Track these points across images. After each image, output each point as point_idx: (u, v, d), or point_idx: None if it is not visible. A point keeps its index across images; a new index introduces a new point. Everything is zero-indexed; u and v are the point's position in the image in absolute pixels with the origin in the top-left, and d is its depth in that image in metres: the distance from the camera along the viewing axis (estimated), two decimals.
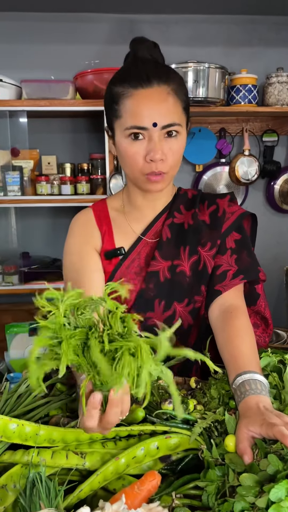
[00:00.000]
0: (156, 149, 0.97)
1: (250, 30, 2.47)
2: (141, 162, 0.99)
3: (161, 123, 0.97)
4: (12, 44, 2.35)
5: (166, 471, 0.76)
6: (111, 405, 0.61)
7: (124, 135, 1.00)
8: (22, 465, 0.69)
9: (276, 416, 0.70)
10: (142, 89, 0.98)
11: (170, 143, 0.99)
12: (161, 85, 0.98)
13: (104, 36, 2.39)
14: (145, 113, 0.97)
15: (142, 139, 0.98)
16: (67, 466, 0.69)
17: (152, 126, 0.97)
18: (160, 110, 0.97)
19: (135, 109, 0.98)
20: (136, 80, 0.99)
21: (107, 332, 0.57)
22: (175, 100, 0.99)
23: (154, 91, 0.98)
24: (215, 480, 0.65)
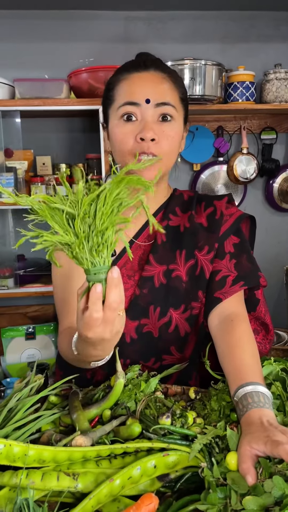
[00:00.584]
0: (148, 127, 0.94)
1: (247, 26, 2.42)
2: (131, 142, 0.96)
3: (155, 101, 0.95)
4: (4, 42, 2.30)
5: (164, 489, 0.72)
6: (111, 286, 0.63)
7: (117, 116, 0.97)
8: (10, 488, 0.65)
9: (281, 432, 0.66)
10: (138, 72, 0.98)
11: (164, 126, 0.96)
12: (158, 71, 0.97)
13: (98, 33, 2.34)
14: (138, 90, 0.95)
15: (135, 121, 0.95)
16: (58, 488, 0.64)
17: (145, 102, 0.94)
18: (154, 89, 0.95)
19: (129, 87, 0.96)
20: (132, 66, 0.98)
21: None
22: (171, 86, 0.98)
23: (150, 74, 0.97)
24: (217, 503, 0.61)
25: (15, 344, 2.34)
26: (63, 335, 0.98)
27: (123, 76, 0.98)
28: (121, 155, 0.99)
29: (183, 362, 1.02)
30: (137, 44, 2.35)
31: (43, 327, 2.33)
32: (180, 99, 1.00)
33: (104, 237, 0.62)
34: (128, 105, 0.95)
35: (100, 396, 0.88)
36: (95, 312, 0.63)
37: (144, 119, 0.95)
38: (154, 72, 0.97)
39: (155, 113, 0.95)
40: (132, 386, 0.86)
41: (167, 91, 0.96)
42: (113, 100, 0.99)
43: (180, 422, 0.76)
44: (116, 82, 0.99)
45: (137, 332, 1.04)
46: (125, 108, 0.95)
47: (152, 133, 0.93)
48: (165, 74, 0.98)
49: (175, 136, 0.98)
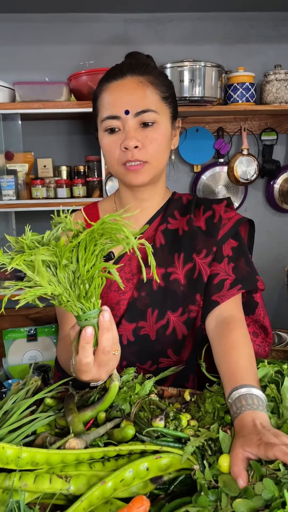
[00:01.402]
0: (130, 136, 0.95)
1: (247, 27, 2.42)
2: (117, 152, 0.98)
3: (134, 110, 0.96)
4: (4, 46, 2.31)
5: (158, 492, 0.72)
6: (103, 330, 0.64)
7: (102, 129, 1.00)
8: (3, 490, 0.65)
9: (273, 435, 0.66)
10: (115, 81, 0.99)
11: (147, 131, 0.98)
12: (134, 76, 0.98)
13: (98, 36, 2.35)
14: (117, 102, 0.96)
15: (118, 131, 0.97)
16: (50, 491, 0.65)
17: (124, 114, 0.95)
18: (131, 98, 0.96)
19: (108, 101, 0.98)
20: (110, 75, 1.00)
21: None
22: (150, 89, 0.98)
23: (126, 81, 0.98)
24: (207, 506, 0.61)
25: (16, 346, 2.35)
26: (62, 342, 0.99)
27: (104, 86, 1.00)
28: (110, 164, 1.03)
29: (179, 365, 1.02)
30: (136, 46, 2.34)
31: (44, 329, 2.34)
32: (162, 98, 1.00)
33: (92, 284, 0.63)
34: (109, 119, 0.97)
35: (95, 399, 0.88)
36: (84, 358, 0.65)
37: (126, 129, 0.96)
38: (131, 77, 0.97)
39: (135, 122, 0.96)
40: (127, 388, 0.86)
41: (145, 97, 0.97)
42: (98, 111, 1.02)
43: (174, 425, 0.76)
44: (98, 93, 1.01)
45: (134, 334, 1.04)
46: (107, 122, 0.97)
47: (135, 141, 0.95)
48: (142, 78, 0.98)
49: (160, 138, 0.99)
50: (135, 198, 1.07)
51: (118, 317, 1.06)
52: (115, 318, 1.05)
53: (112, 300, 1.06)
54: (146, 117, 0.96)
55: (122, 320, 1.05)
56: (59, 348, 1.01)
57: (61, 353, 0.98)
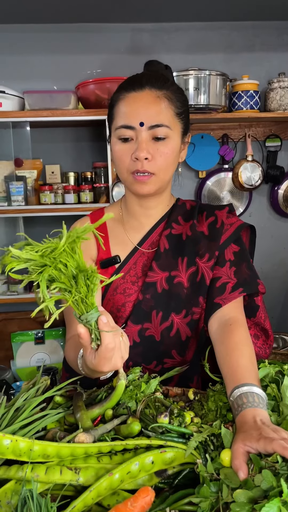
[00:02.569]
0: (141, 147, 0.99)
1: (251, 36, 2.47)
2: (127, 161, 1.02)
3: (148, 123, 1.00)
4: (14, 55, 2.37)
5: (162, 485, 0.75)
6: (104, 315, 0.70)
7: (116, 136, 1.04)
8: (16, 480, 0.69)
9: (273, 431, 0.69)
10: (135, 92, 1.02)
11: (158, 145, 1.01)
12: (153, 90, 1.02)
13: (105, 45, 2.41)
14: (133, 113, 1.00)
15: (131, 141, 1.01)
16: (60, 482, 0.68)
17: (139, 125, 0.99)
18: (148, 111, 1.00)
19: (125, 110, 1.02)
20: (130, 85, 1.04)
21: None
22: (166, 104, 1.02)
23: (145, 94, 1.02)
24: (209, 496, 0.64)
25: (24, 349, 2.39)
26: (70, 342, 1.03)
27: (122, 95, 1.04)
28: (120, 172, 1.06)
29: (183, 365, 1.06)
30: (143, 55, 2.40)
31: (52, 332, 2.38)
32: (176, 114, 1.04)
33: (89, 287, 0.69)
34: (123, 128, 1.01)
35: (103, 397, 0.92)
36: (110, 343, 0.70)
37: (139, 140, 1.00)
38: (149, 91, 1.01)
39: (148, 134, 1.00)
40: (133, 387, 0.90)
41: (161, 112, 1.01)
42: (113, 118, 1.06)
43: (178, 421, 0.80)
44: (116, 101, 1.05)
45: (140, 335, 1.08)
46: (121, 131, 1.01)
47: (146, 153, 0.99)
48: (160, 92, 1.02)
49: (169, 152, 1.03)
50: (140, 206, 1.11)
51: (124, 319, 1.09)
52: (121, 320, 1.09)
53: (118, 302, 1.10)
54: (159, 131, 1.00)
55: (128, 322, 1.08)
56: (67, 348, 1.05)
57: (70, 353, 1.02)
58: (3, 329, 2.48)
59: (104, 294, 1.12)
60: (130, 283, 1.10)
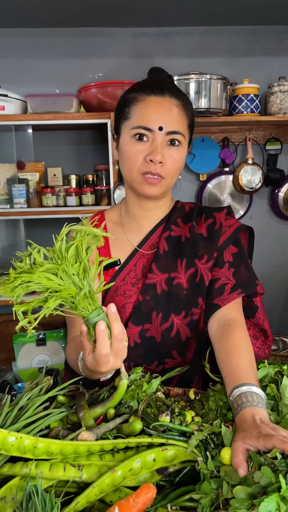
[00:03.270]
0: (158, 151, 1.01)
1: (252, 40, 2.49)
2: (140, 161, 1.04)
3: (167, 129, 1.02)
4: (17, 59, 2.40)
5: (164, 483, 0.77)
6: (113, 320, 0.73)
7: (129, 134, 1.04)
8: (21, 477, 0.70)
9: (271, 429, 0.71)
10: (155, 96, 1.04)
11: (172, 150, 1.04)
12: (172, 98, 1.05)
13: (107, 49, 2.43)
14: (153, 116, 1.02)
15: (146, 141, 1.03)
16: (64, 478, 0.70)
17: (158, 129, 1.02)
18: (167, 117, 1.03)
19: (144, 112, 1.03)
20: (150, 88, 1.05)
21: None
22: (182, 113, 1.05)
23: (165, 100, 1.04)
24: (209, 493, 0.66)
25: (26, 350, 2.41)
26: (71, 344, 1.04)
27: (141, 97, 1.04)
28: (129, 171, 1.06)
29: (184, 366, 1.07)
30: (144, 59, 2.43)
31: (53, 333, 2.40)
32: (188, 126, 1.08)
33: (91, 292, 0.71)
34: (141, 129, 1.02)
35: (105, 396, 0.94)
36: (103, 349, 0.72)
37: (155, 142, 1.02)
38: (169, 98, 1.04)
39: (165, 138, 1.03)
40: (135, 386, 0.91)
41: (178, 120, 1.04)
42: (128, 117, 1.06)
43: (179, 420, 0.81)
44: (133, 101, 1.05)
45: (141, 336, 1.09)
46: (139, 130, 1.03)
47: (161, 157, 1.01)
48: (178, 102, 1.05)
49: (180, 160, 1.06)
50: (140, 207, 1.13)
51: (124, 320, 1.11)
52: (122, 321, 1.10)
53: (118, 304, 1.11)
54: (175, 137, 1.03)
55: (129, 323, 1.10)
56: (68, 349, 1.07)
57: (70, 354, 1.04)
58: (4, 330, 2.50)
59: (104, 296, 1.14)
60: (130, 284, 1.12)
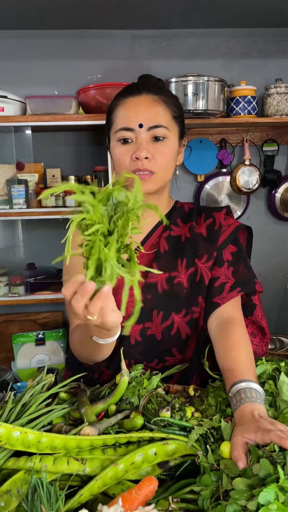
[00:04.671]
0: (142, 147, 1.03)
1: (249, 43, 2.51)
2: (128, 162, 1.06)
3: (147, 125, 1.04)
4: (16, 61, 2.41)
5: (164, 477, 0.78)
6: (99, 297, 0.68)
7: (115, 139, 1.07)
8: (25, 471, 0.72)
9: (269, 423, 0.73)
10: (132, 97, 1.07)
11: (157, 145, 1.06)
12: (150, 94, 1.07)
13: (106, 51, 2.45)
14: (132, 115, 1.04)
15: (131, 142, 1.05)
16: (68, 471, 0.72)
17: (138, 127, 1.03)
18: (146, 114, 1.05)
19: (123, 113, 1.06)
20: (127, 91, 1.08)
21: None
22: (163, 107, 1.07)
23: (142, 98, 1.06)
24: (210, 485, 0.68)
25: (25, 350, 2.42)
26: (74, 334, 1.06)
27: (120, 101, 1.08)
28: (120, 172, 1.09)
29: (184, 363, 1.09)
30: (143, 61, 2.45)
31: (52, 333, 2.41)
32: (172, 117, 1.08)
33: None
34: (123, 131, 1.05)
35: (106, 393, 0.95)
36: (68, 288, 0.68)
37: (138, 140, 1.04)
38: (146, 95, 1.06)
39: (148, 135, 1.04)
40: (136, 383, 0.93)
41: (158, 114, 1.05)
42: (112, 123, 1.09)
43: (179, 415, 0.83)
44: (114, 107, 1.09)
45: (141, 334, 1.11)
46: (121, 133, 1.05)
47: (146, 152, 1.03)
48: (157, 96, 1.06)
49: (169, 153, 1.07)
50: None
51: (126, 319, 1.12)
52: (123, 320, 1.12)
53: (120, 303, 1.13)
54: (157, 132, 1.04)
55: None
56: (71, 338, 1.07)
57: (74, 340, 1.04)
58: (4, 330, 2.51)
59: None
60: None
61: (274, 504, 0.57)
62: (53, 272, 2.46)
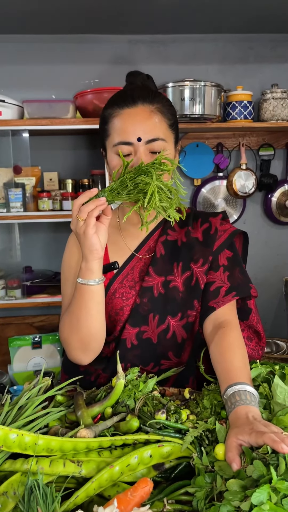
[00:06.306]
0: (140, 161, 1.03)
1: (246, 48, 2.54)
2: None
3: (145, 138, 1.03)
4: (14, 65, 2.42)
5: (160, 479, 0.79)
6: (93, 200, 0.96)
7: (113, 151, 1.06)
8: (21, 473, 0.73)
9: (263, 425, 0.74)
10: (128, 108, 1.05)
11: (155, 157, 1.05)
12: (145, 105, 1.05)
13: (103, 56, 2.46)
14: (130, 129, 1.04)
15: (129, 155, 1.04)
16: (64, 473, 0.72)
17: (136, 141, 1.03)
18: (144, 127, 1.04)
19: (121, 126, 1.05)
20: (122, 101, 1.06)
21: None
22: (159, 118, 1.06)
23: (138, 109, 1.05)
24: (204, 486, 0.68)
25: (22, 353, 2.42)
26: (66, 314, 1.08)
27: (115, 112, 1.06)
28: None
29: (180, 366, 1.10)
30: (140, 66, 2.47)
31: (49, 337, 2.42)
32: (168, 126, 1.08)
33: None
34: (121, 145, 1.04)
35: (102, 396, 0.96)
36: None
37: (138, 154, 1.03)
38: (142, 106, 1.05)
39: (146, 148, 1.04)
40: (132, 386, 0.94)
41: (155, 126, 1.04)
42: (108, 134, 1.08)
43: (174, 418, 0.84)
44: (109, 118, 1.07)
45: (138, 338, 1.12)
46: (119, 147, 1.04)
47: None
48: (152, 107, 1.05)
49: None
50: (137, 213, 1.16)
51: (122, 322, 1.13)
52: (120, 323, 1.13)
53: (116, 306, 1.14)
54: (156, 145, 1.04)
55: (126, 325, 1.13)
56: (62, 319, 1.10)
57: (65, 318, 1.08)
58: (0, 333, 2.51)
59: None
60: (128, 287, 1.15)
61: (266, 505, 0.58)
62: (50, 275, 2.47)
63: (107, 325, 1.10)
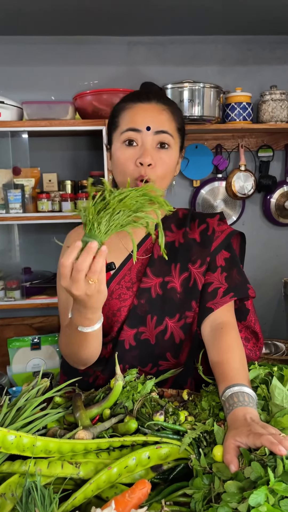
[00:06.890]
0: (147, 153, 1.04)
1: (245, 50, 2.54)
2: (131, 167, 1.05)
3: (155, 128, 1.05)
4: (13, 66, 2.43)
5: (158, 480, 0.79)
6: (87, 250, 0.78)
7: (120, 141, 1.07)
8: (19, 474, 0.73)
9: (261, 427, 0.74)
10: (141, 103, 1.08)
11: (161, 153, 1.06)
12: (159, 103, 1.08)
13: (102, 57, 2.47)
14: (140, 118, 1.05)
15: (136, 146, 1.05)
16: (62, 475, 0.72)
17: (145, 129, 1.04)
18: (154, 118, 1.06)
19: (131, 116, 1.07)
20: (137, 97, 1.09)
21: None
22: (170, 117, 1.08)
23: (152, 105, 1.07)
24: (202, 488, 0.69)
25: (21, 354, 2.42)
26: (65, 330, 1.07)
27: (128, 105, 1.09)
28: (122, 176, 1.09)
29: (178, 368, 1.10)
30: (139, 68, 2.47)
31: (48, 338, 2.42)
32: (177, 128, 1.10)
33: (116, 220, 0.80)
34: (130, 131, 1.05)
35: (101, 397, 0.96)
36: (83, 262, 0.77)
37: (144, 145, 1.05)
38: (156, 104, 1.08)
39: (154, 139, 1.05)
40: (130, 387, 0.94)
41: (165, 121, 1.07)
42: (117, 125, 1.09)
43: (173, 419, 0.84)
44: (121, 110, 1.10)
45: (136, 339, 1.12)
46: (128, 134, 1.05)
47: (150, 159, 1.04)
48: (165, 106, 1.08)
49: (170, 163, 1.08)
50: None
51: (120, 323, 1.13)
52: (117, 324, 1.13)
53: (114, 307, 1.14)
54: (164, 137, 1.05)
55: (124, 326, 1.13)
56: (60, 337, 1.09)
57: (62, 338, 1.06)
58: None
59: None
60: (125, 288, 1.15)
61: (264, 506, 0.58)
62: (49, 276, 2.47)
63: (104, 326, 1.10)
